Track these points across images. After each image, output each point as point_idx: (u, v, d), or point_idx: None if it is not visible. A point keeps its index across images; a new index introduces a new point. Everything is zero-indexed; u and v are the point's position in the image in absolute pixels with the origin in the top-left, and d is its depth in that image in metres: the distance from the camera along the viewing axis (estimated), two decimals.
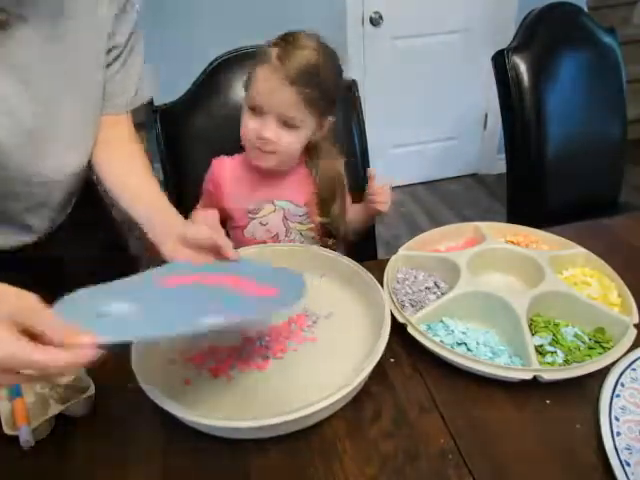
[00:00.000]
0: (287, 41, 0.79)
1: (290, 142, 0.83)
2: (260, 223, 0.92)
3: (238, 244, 0.90)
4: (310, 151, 0.91)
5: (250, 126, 0.83)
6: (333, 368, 0.65)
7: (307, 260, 0.81)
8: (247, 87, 0.84)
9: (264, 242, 0.92)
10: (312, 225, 0.95)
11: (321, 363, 0.67)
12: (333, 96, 0.85)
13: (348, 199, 0.97)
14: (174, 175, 1.05)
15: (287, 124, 0.81)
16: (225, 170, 0.91)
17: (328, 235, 0.95)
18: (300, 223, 0.94)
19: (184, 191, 1.04)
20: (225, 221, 0.93)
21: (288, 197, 0.91)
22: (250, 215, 0.91)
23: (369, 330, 0.70)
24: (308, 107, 0.80)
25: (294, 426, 0.56)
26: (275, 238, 0.93)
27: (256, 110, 0.81)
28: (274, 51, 0.78)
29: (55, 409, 0.60)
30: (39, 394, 0.63)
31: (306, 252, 0.83)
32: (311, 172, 0.91)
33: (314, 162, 0.91)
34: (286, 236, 0.93)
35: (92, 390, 0.63)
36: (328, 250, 0.82)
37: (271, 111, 0.80)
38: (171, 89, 1.13)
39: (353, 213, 0.98)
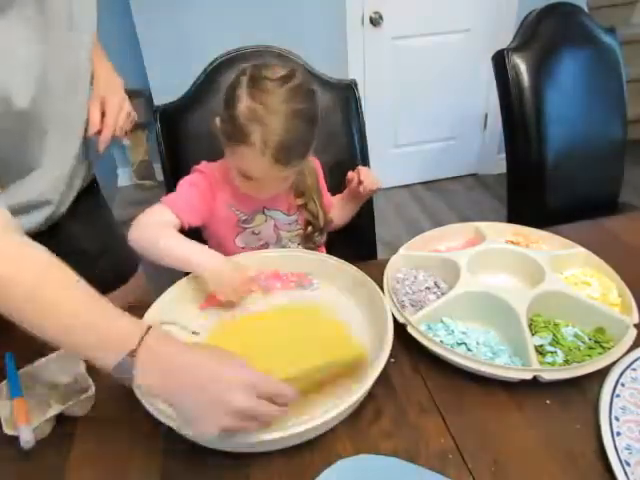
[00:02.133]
0: (263, 112, 0.73)
1: (286, 185, 0.87)
2: (252, 232, 0.91)
3: (226, 252, 0.86)
4: None
5: (245, 188, 0.84)
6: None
7: (309, 266, 0.82)
8: (227, 149, 0.81)
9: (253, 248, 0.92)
10: (300, 231, 0.95)
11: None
12: (314, 135, 0.81)
13: (328, 195, 0.99)
14: (174, 175, 1.05)
15: (283, 179, 0.83)
16: (216, 176, 0.88)
17: (312, 231, 0.96)
18: (289, 231, 0.94)
19: None
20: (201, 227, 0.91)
21: (277, 206, 0.91)
22: (243, 225, 0.91)
23: (369, 332, 0.70)
24: (301, 165, 0.82)
25: (296, 439, 0.56)
26: (265, 246, 0.93)
27: (248, 177, 0.80)
28: (255, 132, 0.73)
29: (55, 409, 0.60)
30: (39, 394, 0.63)
31: (308, 258, 0.83)
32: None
33: None
34: (276, 243, 0.94)
35: (92, 390, 0.63)
36: (328, 256, 0.83)
37: (269, 180, 0.81)
38: (171, 89, 1.14)
39: (338, 206, 1.00)
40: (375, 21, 2.27)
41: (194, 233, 0.86)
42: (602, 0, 2.60)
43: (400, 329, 0.68)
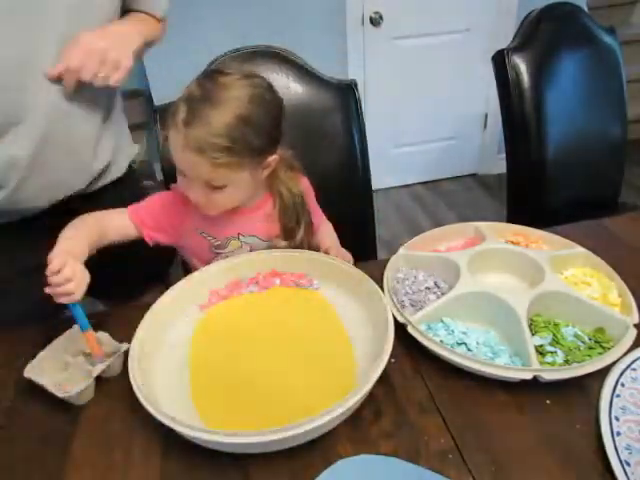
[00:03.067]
0: (202, 94, 0.69)
1: (221, 200, 0.77)
2: (227, 257, 0.86)
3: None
4: (269, 181, 0.84)
5: (181, 186, 0.78)
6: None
7: (309, 266, 0.82)
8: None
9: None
10: None
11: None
12: (266, 142, 0.74)
13: (318, 217, 0.93)
14: (174, 175, 1.05)
15: (211, 186, 0.74)
16: (188, 203, 0.80)
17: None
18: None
19: None
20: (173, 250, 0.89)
21: (254, 231, 0.87)
22: (216, 250, 0.87)
23: (369, 332, 0.70)
24: (229, 168, 0.72)
25: (297, 440, 0.56)
26: None
27: (182, 173, 0.75)
28: (182, 111, 0.69)
29: (98, 369, 0.66)
30: (75, 363, 0.68)
31: (307, 258, 0.83)
32: (274, 202, 0.86)
33: (275, 191, 0.85)
34: None
35: (122, 350, 0.67)
36: (328, 256, 0.82)
37: (192, 176, 0.74)
38: (171, 89, 1.13)
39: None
40: (375, 21, 2.27)
41: None
42: (602, 0, 2.60)
43: (400, 329, 0.68)
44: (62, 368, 0.68)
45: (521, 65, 1.22)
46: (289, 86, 1.07)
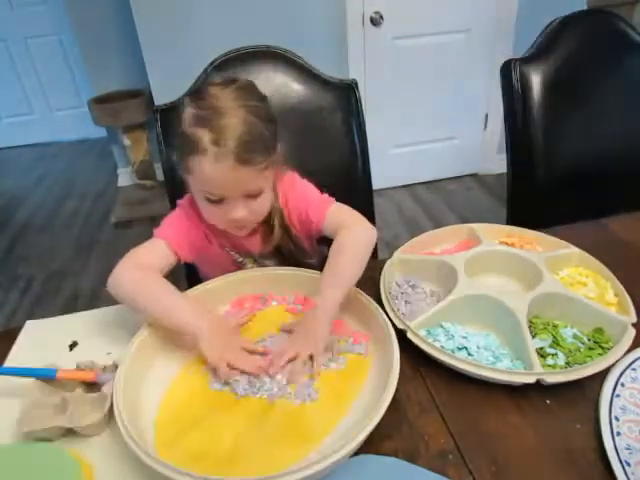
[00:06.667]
0: (211, 114, 0.68)
1: (260, 206, 0.77)
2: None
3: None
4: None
5: (215, 214, 0.76)
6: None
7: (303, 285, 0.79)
8: (187, 175, 0.74)
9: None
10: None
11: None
12: (275, 136, 0.75)
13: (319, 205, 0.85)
14: (174, 175, 1.05)
15: (251, 195, 0.74)
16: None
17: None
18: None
19: (184, 191, 1.04)
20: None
21: (266, 249, 0.87)
22: (235, 268, 0.87)
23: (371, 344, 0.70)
24: (266, 168, 0.73)
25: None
26: None
27: (215, 200, 0.73)
28: (205, 136, 0.67)
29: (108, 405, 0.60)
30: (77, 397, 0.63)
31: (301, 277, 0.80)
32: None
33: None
34: None
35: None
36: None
37: (234, 195, 0.73)
38: (171, 89, 1.14)
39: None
40: (375, 21, 2.27)
41: None
42: (602, 0, 2.59)
43: (399, 334, 0.68)
44: (61, 407, 0.62)
45: (530, 78, 1.15)
46: (289, 86, 1.07)
